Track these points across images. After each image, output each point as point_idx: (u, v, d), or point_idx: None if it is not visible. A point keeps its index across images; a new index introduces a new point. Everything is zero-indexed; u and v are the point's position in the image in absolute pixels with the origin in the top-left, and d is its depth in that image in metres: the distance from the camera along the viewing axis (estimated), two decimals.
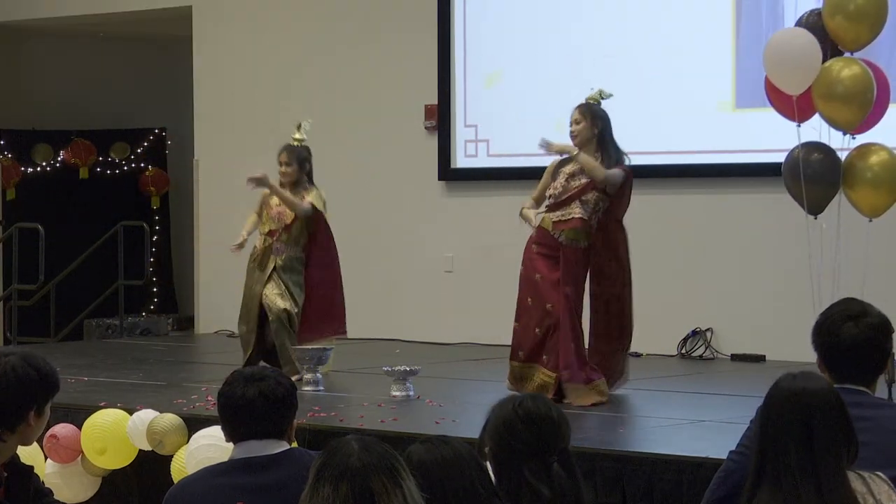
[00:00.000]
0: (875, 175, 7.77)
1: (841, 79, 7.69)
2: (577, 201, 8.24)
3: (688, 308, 10.88)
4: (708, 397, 8.75)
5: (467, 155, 12.13)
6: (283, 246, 9.19)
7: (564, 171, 8.33)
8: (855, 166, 7.84)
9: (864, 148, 7.86)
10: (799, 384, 3.92)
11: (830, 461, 3.83)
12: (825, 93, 7.73)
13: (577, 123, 8.34)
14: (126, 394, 8.47)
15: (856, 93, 7.68)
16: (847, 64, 7.74)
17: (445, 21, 12.14)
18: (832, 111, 7.74)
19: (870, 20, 7.77)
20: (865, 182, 7.79)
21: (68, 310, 14.53)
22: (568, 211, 8.27)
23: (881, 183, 7.77)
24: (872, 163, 7.78)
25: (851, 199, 7.85)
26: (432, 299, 12.20)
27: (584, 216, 8.22)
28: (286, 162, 9.24)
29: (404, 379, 8.39)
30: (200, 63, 13.70)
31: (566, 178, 8.30)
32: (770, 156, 10.56)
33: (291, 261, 9.18)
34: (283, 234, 9.19)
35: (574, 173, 8.30)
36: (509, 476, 3.89)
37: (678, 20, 11.16)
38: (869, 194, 7.78)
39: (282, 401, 4.28)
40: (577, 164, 8.30)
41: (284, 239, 9.18)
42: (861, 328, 4.42)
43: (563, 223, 8.25)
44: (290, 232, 9.18)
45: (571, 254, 8.21)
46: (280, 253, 9.18)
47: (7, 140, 15.79)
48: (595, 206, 8.26)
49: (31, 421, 4.06)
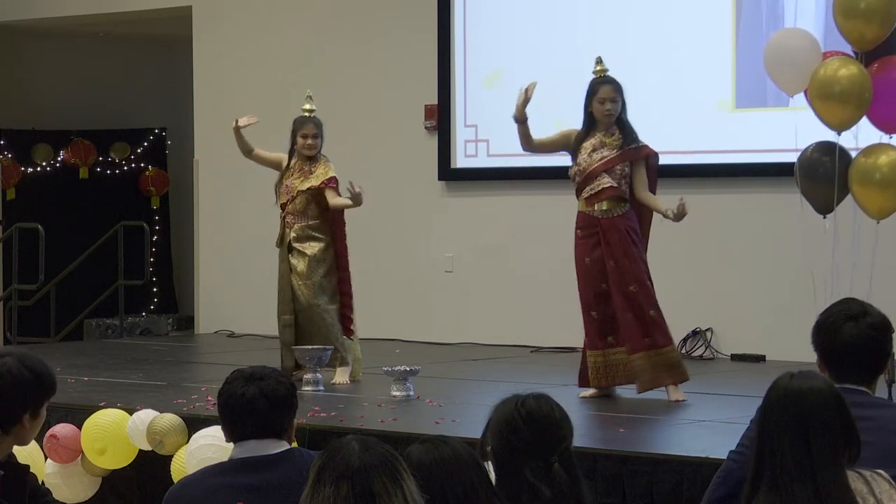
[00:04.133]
0: (884, 176, 7.64)
1: (838, 78, 7.65)
2: (604, 173, 8.27)
3: (688, 308, 10.87)
4: (708, 397, 8.74)
5: (467, 155, 12.12)
6: (292, 218, 9.22)
7: (585, 146, 8.33)
8: (863, 167, 7.72)
9: (872, 148, 7.74)
10: (796, 384, 3.92)
11: (828, 462, 3.83)
12: (821, 93, 7.68)
13: (613, 102, 8.33)
14: (126, 394, 8.47)
15: (852, 93, 7.63)
16: (844, 64, 7.70)
17: (445, 21, 12.14)
18: (828, 111, 7.69)
19: (879, 18, 7.68)
20: (873, 183, 7.66)
21: (68, 310, 14.54)
22: (597, 183, 8.29)
23: (890, 184, 7.67)
24: (881, 163, 7.65)
25: (859, 201, 7.74)
26: (432, 299, 12.19)
27: (614, 183, 8.25)
28: (314, 134, 9.26)
29: (404, 379, 8.39)
30: (200, 63, 13.69)
31: (588, 153, 8.32)
32: (770, 156, 10.57)
33: (303, 229, 9.21)
34: (289, 205, 9.24)
35: (596, 147, 8.31)
36: (510, 475, 3.89)
37: (678, 20, 11.15)
38: (877, 196, 7.67)
39: (282, 400, 4.28)
40: (598, 139, 8.30)
41: (291, 209, 9.23)
42: (861, 328, 4.42)
43: (594, 197, 8.29)
44: (295, 203, 9.20)
45: (609, 225, 8.24)
46: (291, 225, 9.24)
47: (7, 140, 15.79)
48: (622, 174, 8.29)
49: (26, 423, 4.05)
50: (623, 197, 8.28)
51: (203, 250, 13.62)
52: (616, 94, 8.34)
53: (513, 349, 11.34)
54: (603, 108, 8.32)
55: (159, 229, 16.11)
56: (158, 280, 15.91)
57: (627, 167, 8.31)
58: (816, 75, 7.67)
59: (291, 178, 9.22)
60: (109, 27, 15.32)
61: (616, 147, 8.31)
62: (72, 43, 16.12)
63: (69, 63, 16.20)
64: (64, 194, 15.97)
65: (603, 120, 8.34)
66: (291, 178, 9.22)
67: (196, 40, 13.71)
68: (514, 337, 11.54)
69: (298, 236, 9.20)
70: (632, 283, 8.21)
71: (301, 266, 9.16)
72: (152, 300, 16.01)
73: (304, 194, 9.17)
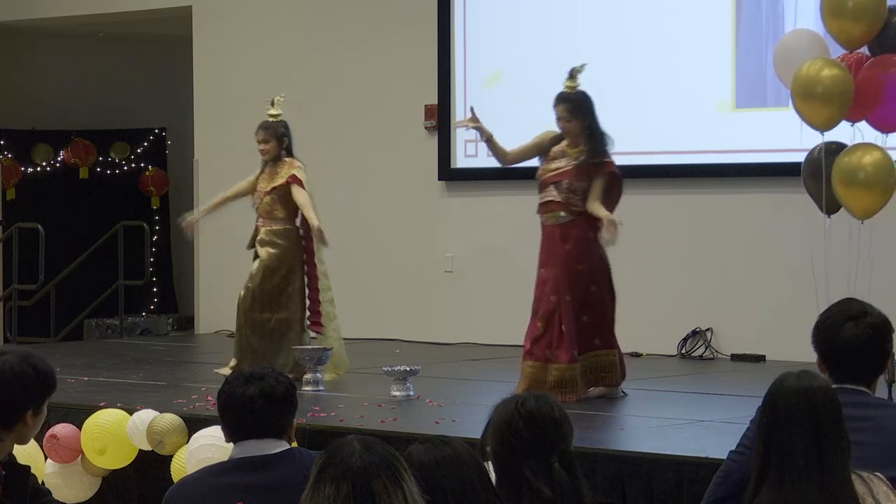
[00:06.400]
0: (868, 176, 7.56)
1: (821, 79, 7.61)
2: (551, 185, 8.25)
3: (688, 308, 10.88)
4: (708, 397, 8.74)
5: (467, 155, 12.12)
6: (262, 221, 9.34)
7: (552, 152, 8.34)
8: (846, 166, 7.64)
9: (855, 148, 7.68)
10: (805, 382, 3.93)
11: (837, 460, 3.84)
12: (804, 92, 7.65)
13: (567, 121, 8.31)
14: (126, 394, 8.47)
15: (835, 93, 7.60)
16: (827, 64, 7.67)
17: (445, 21, 12.14)
18: (810, 111, 7.66)
19: (867, 17, 7.67)
20: (857, 183, 7.57)
21: (68, 310, 14.54)
22: (545, 194, 8.31)
23: (874, 184, 7.63)
24: (865, 163, 7.57)
25: (843, 201, 7.68)
26: (432, 299, 12.19)
27: (559, 198, 8.22)
28: (264, 139, 9.41)
29: (404, 379, 8.39)
30: (200, 63, 13.69)
31: (549, 161, 8.32)
32: (770, 156, 10.57)
33: (269, 234, 9.26)
34: (259, 207, 9.34)
35: (557, 156, 8.30)
36: (510, 475, 3.89)
37: (678, 20, 11.15)
38: (862, 196, 7.60)
39: (281, 400, 4.28)
40: (562, 147, 8.29)
41: (261, 211, 9.34)
42: (861, 328, 4.42)
43: (543, 206, 8.33)
44: (263, 204, 9.30)
45: (548, 231, 8.26)
46: (260, 229, 9.35)
47: (7, 140, 15.79)
48: (571, 188, 8.23)
49: (29, 420, 4.05)
50: (571, 210, 8.21)
51: (203, 250, 13.62)
52: (569, 114, 8.29)
53: (513, 349, 11.30)
54: (559, 126, 8.33)
55: (159, 229, 16.11)
56: (158, 280, 15.91)
57: (582, 181, 8.22)
58: (799, 75, 7.65)
59: (261, 182, 9.35)
60: (109, 27, 15.32)
61: (574, 159, 8.26)
62: (72, 43, 16.12)
63: (69, 63, 16.20)
64: (64, 194, 15.98)
65: (568, 138, 8.33)
66: (261, 182, 9.35)
67: (196, 40, 13.71)
68: (514, 337, 11.50)
69: (262, 240, 9.28)
70: (553, 294, 8.19)
71: (255, 270, 9.22)
72: (152, 300, 16.01)
73: (269, 195, 9.26)
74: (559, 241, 8.22)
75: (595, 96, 8.45)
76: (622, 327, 8.36)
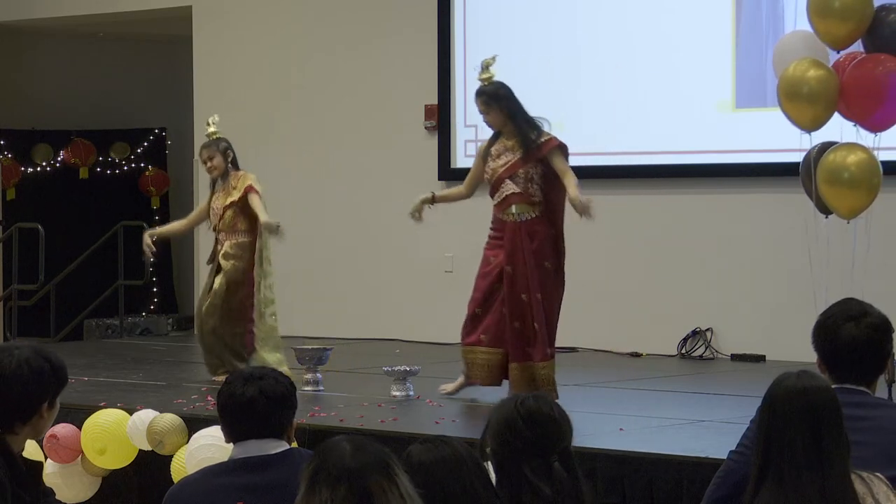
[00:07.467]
0: (852, 175, 7.50)
1: (806, 79, 7.59)
2: (507, 180, 8.20)
3: (688, 308, 10.87)
4: (708, 397, 8.74)
5: (467, 155, 12.10)
6: (223, 235, 9.27)
7: (492, 152, 8.30)
8: (830, 166, 7.58)
9: (839, 147, 7.63)
10: (805, 382, 3.93)
11: (837, 459, 3.85)
12: (789, 92, 7.63)
13: (486, 114, 8.30)
14: (126, 394, 8.47)
15: (820, 93, 7.58)
16: (813, 65, 7.65)
17: (445, 21, 12.14)
18: (796, 111, 7.64)
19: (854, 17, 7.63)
20: (842, 182, 7.51)
21: (68, 310, 14.53)
22: (503, 190, 8.21)
23: (859, 183, 7.53)
24: (850, 162, 7.51)
25: (827, 201, 7.61)
26: (432, 299, 12.18)
27: (518, 189, 8.17)
28: (209, 157, 9.36)
29: (404, 379, 8.39)
30: (200, 63, 13.69)
31: (494, 159, 8.28)
32: (770, 156, 10.57)
33: (234, 247, 9.23)
34: (220, 224, 9.27)
35: (500, 153, 8.27)
36: (510, 475, 3.89)
37: (678, 20, 11.15)
38: (847, 195, 7.53)
39: (281, 400, 4.28)
40: (501, 144, 8.26)
41: (222, 227, 9.26)
42: (861, 328, 4.42)
43: (502, 203, 8.21)
44: (224, 220, 9.24)
45: (515, 229, 8.16)
46: (222, 243, 9.28)
47: (7, 140, 15.79)
48: (527, 177, 8.17)
49: (44, 413, 4.12)
50: (532, 201, 8.15)
51: (203, 251, 13.60)
52: (486, 106, 8.27)
53: None
54: (484, 121, 8.33)
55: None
56: (158, 280, 15.91)
57: (536, 167, 8.18)
58: (785, 75, 7.64)
59: (217, 200, 9.29)
60: (109, 27, 15.32)
61: (517, 150, 8.22)
62: (72, 43, 16.12)
63: (69, 63, 16.20)
64: (64, 194, 15.98)
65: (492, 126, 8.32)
66: (217, 200, 9.29)
67: (196, 40, 13.71)
68: None
69: (225, 253, 9.22)
70: (524, 292, 8.13)
71: (218, 285, 9.16)
72: (152, 300, 16.01)
73: (230, 209, 9.21)
74: (526, 237, 8.16)
75: (595, 96, 8.45)
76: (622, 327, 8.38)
